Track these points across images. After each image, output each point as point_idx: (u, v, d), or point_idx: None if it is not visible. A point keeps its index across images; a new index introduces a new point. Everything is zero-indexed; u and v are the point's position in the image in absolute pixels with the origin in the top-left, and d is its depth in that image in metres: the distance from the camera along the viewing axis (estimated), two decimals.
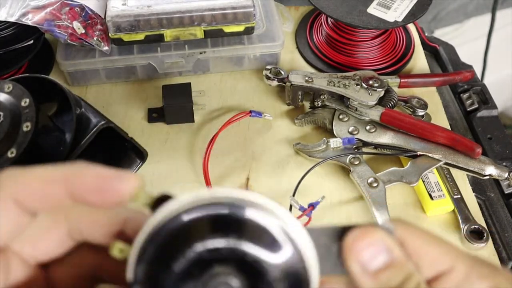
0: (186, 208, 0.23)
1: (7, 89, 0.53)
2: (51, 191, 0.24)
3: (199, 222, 0.23)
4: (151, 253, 0.23)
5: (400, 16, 0.66)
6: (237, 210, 0.23)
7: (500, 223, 0.58)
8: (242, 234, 0.23)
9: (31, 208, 0.25)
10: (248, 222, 0.23)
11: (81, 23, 0.64)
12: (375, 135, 0.60)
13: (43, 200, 0.25)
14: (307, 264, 0.23)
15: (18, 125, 0.51)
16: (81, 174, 0.24)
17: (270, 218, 0.23)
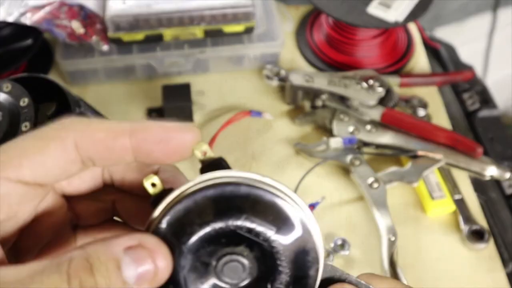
0: (225, 181, 0.24)
1: (6, 88, 0.53)
2: (115, 144, 0.25)
3: (226, 198, 0.24)
4: (179, 212, 0.23)
5: (401, 15, 0.66)
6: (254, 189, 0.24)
7: (501, 224, 0.57)
8: (257, 213, 0.23)
9: (89, 157, 0.25)
10: (263, 201, 0.24)
11: (80, 22, 0.64)
12: (375, 135, 0.60)
13: (105, 152, 0.25)
14: (316, 248, 0.24)
15: (17, 125, 0.51)
16: (146, 126, 0.25)
17: (285, 200, 0.24)
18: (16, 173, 0.24)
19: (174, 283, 0.24)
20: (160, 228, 0.24)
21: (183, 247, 0.23)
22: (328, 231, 0.56)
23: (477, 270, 0.54)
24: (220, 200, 0.23)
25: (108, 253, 0.22)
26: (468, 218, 0.56)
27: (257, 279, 0.24)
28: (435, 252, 0.55)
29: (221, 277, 0.24)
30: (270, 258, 0.24)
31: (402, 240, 0.54)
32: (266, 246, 0.24)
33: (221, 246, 0.24)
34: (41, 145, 0.24)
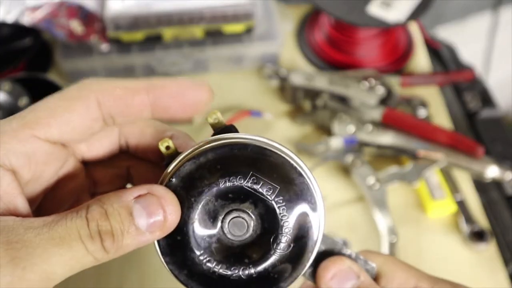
0: (234, 141, 0.25)
1: (5, 88, 0.53)
2: (134, 100, 0.26)
3: (234, 156, 0.25)
4: (190, 167, 0.25)
5: (402, 14, 0.65)
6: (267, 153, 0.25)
7: (502, 224, 0.57)
8: (263, 170, 0.25)
9: (110, 114, 0.27)
10: (269, 160, 0.25)
11: (80, 22, 0.64)
12: (376, 135, 0.60)
13: (125, 108, 0.27)
14: (318, 209, 0.26)
15: None
16: (163, 83, 0.27)
17: (290, 162, 0.25)
18: (45, 132, 0.25)
19: (182, 235, 0.25)
20: (171, 182, 0.25)
21: (192, 200, 0.25)
22: (328, 231, 0.55)
23: (478, 270, 0.53)
24: (229, 158, 0.25)
25: (120, 201, 0.24)
26: (469, 218, 0.56)
27: (260, 235, 0.26)
28: (436, 252, 0.55)
29: (226, 232, 0.25)
30: (273, 216, 0.25)
31: (402, 240, 0.54)
32: (270, 203, 0.25)
33: (228, 202, 0.25)
34: (66, 105, 0.26)
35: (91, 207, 0.23)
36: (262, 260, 0.25)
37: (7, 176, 0.24)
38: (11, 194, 0.24)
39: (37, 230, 0.22)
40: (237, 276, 0.25)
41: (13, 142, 0.25)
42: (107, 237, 0.23)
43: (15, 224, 0.22)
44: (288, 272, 0.26)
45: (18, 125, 0.25)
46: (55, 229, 0.22)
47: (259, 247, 0.26)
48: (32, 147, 0.25)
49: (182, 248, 0.25)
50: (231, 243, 0.26)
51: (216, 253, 0.26)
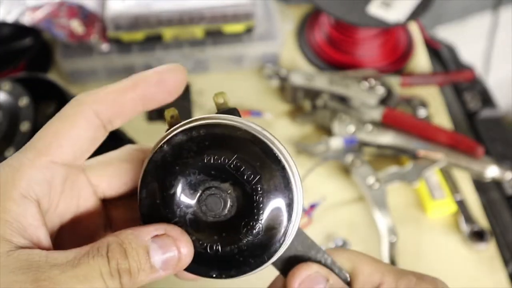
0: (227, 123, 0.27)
1: (5, 88, 0.52)
2: (125, 98, 0.28)
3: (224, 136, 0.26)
4: (181, 138, 0.26)
5: (402, 14, 0.65)
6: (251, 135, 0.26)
7: (502, 224, 0.57)
8: (248, 156, 0.26)
9: (108, 119, 0.28)
10: (256, 148, 0.26)
11: (80, 22, 0.64)
12: (376, 135, 0.60)
13: (119, 108, 0.28)
14: (293, 206, 0.26)
15: (16, 125, 0.51)
16: (144, 75, 0.29)
17: (276, 154, 0.26)
18: (59, 155, 0.26)
19: (161, 198, 0.27)
20: (163, 148, 0.26)
21: (176, 168, 0.26)
22: (328, 232, 0.56)
23: (478, 270, 0.53)
24: (219, 137, 0.26)
25: (138, 241, 0.25)
26: (469, 218, 0.56)
27: (233, 217, 0.27)
28: (435, 252, 0.55)
29: (202, 206, 0.27)
30: (249, 201, 0.26)
31: (402, 240, 0.54)
32: (248, 188, 0.26)
33: (209, 178, 0.26)
34: (68, 123, 0.27)
35: (111, 245, 0.24)
36: (230, 241, 0.26)
37: (32, 207, 0.25)
38: (35, 225, 0.25)
39: (62, 267, 0.23)
40: (203, 249, 0.27)
41: (33, 171, 0.25)
42: (125, 274, 0.24)
43: (41, 260, 0.23)
44: (253, 259, 0.27)
45: (33, 155, 0.26)
46: (78, 266, 0.23)
47: (230, 228, 0.27)
48: (51, 173, 0.26)
49: (158, 212, 0.27)
50: (205, 218, 0.27)
51: (189, 224, 0.27)
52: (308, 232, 0.29)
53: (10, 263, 0.23)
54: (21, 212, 0.25)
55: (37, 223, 0.25)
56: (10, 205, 0.24)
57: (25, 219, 0.25)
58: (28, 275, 0.23)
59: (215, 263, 0.27)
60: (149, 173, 0.27)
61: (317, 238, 0.55)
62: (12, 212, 0.24)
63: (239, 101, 0.67)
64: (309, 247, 0.29)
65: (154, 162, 0.27)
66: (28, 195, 0.25)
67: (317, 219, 0.55)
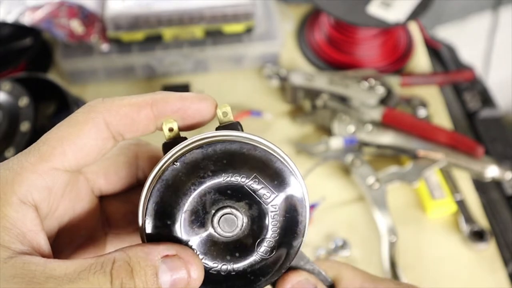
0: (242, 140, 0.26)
1: (5, 88, 0.53)
2: (139, 115, 0.27)
3: (242, 154, 0.26)
4: (197, 155, 0.25)
5: (402, 14, 0.65)
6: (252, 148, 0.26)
7: (502, 224, 0.57)
8: (266, 175, 0.26)
9: (118, 131, 0.27)
10: (273, 167, 0.26)
11: (80, 22, 0.64)
12: (376, 135, 0.60)
13: (132, 124, 0.27)
14: (305, 223, 0.26)
15: (16, 125, 0.51)
16: (165, 97, 0.27)
17: (291, 172, 0.26)
18: (62, 161, 0.26)
19: (172, 219, 0.25)
20: (175, 165, 0.25)
21: (191, 188, 0.25)
22: (328, 232, 0.56)
23: (478, 270, 0.53)
24: (237, 155, 0.25)
25: (148, 260, 0.23)
26: (469, 218, 0.56)
27: (246, 236, 0.26)
28: (436, 252, 0.55)
29: (215, 226, 0.26)
30: (264, 220, 0.26)
31: (402, 240, 0.54)
32: (264, 207, 0.26)
33: (224, 197, 0.25)
34: (76, 130, 0.26)
35: (117, 262, 0.23)
36: (243, 260, 0.26)
37: (31, 212, 0.25)
38: (34, 231, 0.24)
39: (58, 281, 0.22)
40: (216, 270, 0.26)
41: (33, 177, 0.25)
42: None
43: (37, 270, 0.22)
44: (264, 276, 0.26)
45: (36, 159, 0.25)
46: (76, 282, 0.22)
47: (243, 247, 0.26)
48: (52, 180, 0.25)
49: (169, 233, 0.25)
50: (217, 238, 0.26)
51: (201, 244, 0.26)
52: (308, 232, 0.30)
53: (6, 270, 0.22)
54: (19, 218, 0.24)
55: (36, 229, 0.25)
56: (9, 210, 0.24)
57: (24, 224, 0.24)
58: (21, 285, 0.22)
59: (225, 283, 0.26)
60: (158, 192, 0.25)
61: (317, 238, 0.55)
62: (11, 218, 0.24)
63: (239, 101, 0.67)
64: (299, 258, 0.29)
65: (164, 180, 0.25)
66: (26, 201, 0.25)
67: (317, 219, 0.55)
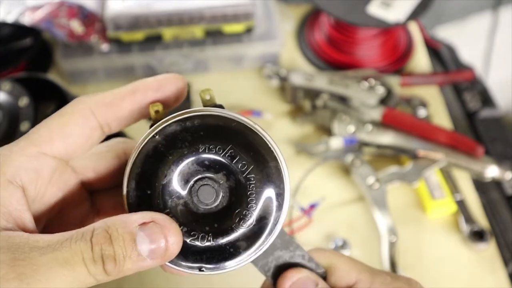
0: (220, 115, 0.27)
1: (5, 88, 0.53)
2: (123, 103, 0.28)
3: (218, 127, 0.26)
4: (175, 128, 0.26)
5: (402, 14, 0.65)
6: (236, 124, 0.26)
7: (502, 224, 0.57)
8: (242, 147, 0.26)
9: (106, 121, 0.28)
10: (250, 139, 0.26)
11: (80, 22, 0.64)
12: (376, 135, 0.60)
13: (117, 112, 0.28)
14: (283, 196, 0.27)
15: (16, 125, 0.51)
16: (144, 83, 0.29)
17: (268, 145, 0.26)
18: (50, 147, 0.27)
19: (152, 189, 0.26)
20: (155, 138, 0.26)
21: (169, 158, 0.26)
22: (328, 232, 0.56)
23: (478, 270, 0.53)
24: (213, 128, 0.26)
25: (125, 227, 0.24)
26: (469, 218, 0.56)
27: (225, 207, 0.27)
28: (436, 252, 0.55)
29: (194, 197, 0.26)
30: (242, 191, 0.26)
31: (402, 240, 0.54)
32: (242, 178, 0.26)
33: (202, 168, 0.26)
34: (64, 120, 0.28)
35: (96, 230, 0.24)
36: (222, 232, 0.26)
37: (18, 192, 0.26)
38: (20, 210, 0.26)
39: (42, 250, 0.23)
40: (195, 241, 0.26)
41: (22, 159, 0.26)
42: (109, 261, 0.24)
43: (21, 242, 0.24)
44: (244, 249, 0.27)
45: (25, 144, 0.27)
46: (59, 250, 0.23)
47: (222, 219, 0.27)
48: (40, 163, 0.27)
49: (149, 202, 0.26)
50: (196, 209, 0.27)
51: (180, 215, 0.26)
52: (308, 232, 0.30)
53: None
54: (6, 196, 0.25)
55: (21, 208, 0.26)
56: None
57: (10, 203, 0.25)
58: (6, 255, 0.23)
59: (204, 255, 0.26)
60: (139, 164, 0.26)
61: (317, 238, 0.55)
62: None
63: (239, 101, 0.67)
64: (288, 243, 0.29)
65: (144, 152, 0.26)
66: (14, 181, 0.26)
67: (317, 219, 0.55)
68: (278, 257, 0.29)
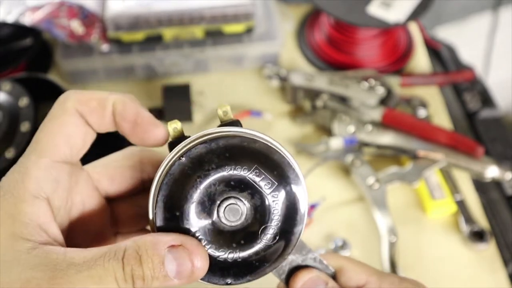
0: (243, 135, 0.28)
1: (5, 88, 0.53)
2: (105, 112, 0.29)
3: (243, 148, 0.27)
4: (201, 150, 0.27)
5: (402, 15, 0.65)
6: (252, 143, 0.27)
7: (502, 224, 0.57)
8: (266, 166, 0.27)
9: (93, 122, 0.29)
10: (272, 158, 0.27)
11: (80, 22, 0.64)
12: (376, 135, 0.60)
13: (100, 118, 0.29)
14: (305, 210, 0.28)
15: (16, 125, 0.51)
16: (126, 106, 0.29)
17: (289, 163, 0.28)
18: (59, 153, 0.28)
19: (181, 211, 0.27)
20: (181, 160, 0.27)
21: (197, 180, 0.27)
22: (328, 232, 0.56)
23: (478, 270, 0.53)
24: (238, 148, 0.27)
25: (155, 249, 0.26)
26: (469, 218, 0.56)
27: (250, 224, 0.28)
28: (435, 252, 0.55)
29: (221, 216, 0.27)
30: (266, 208, 0.27)
31: (402, 240, 0.54)
32: (265, 196, 0.27)
33: (228, 189, 0.27)
34: (59, 123, 0.28)
35: (127, 250, 0.25)
36: (248, 247, 0.28)
37: (44, 206, 0.27)
38: (47, 222, 0.27)
39: (78, 267, 0.24)
40: (223, 258, 0.28)
41: (39, 173, 0.27)
42: (139, 281, 0.25)
43: (58, 258, 0.25)
44: (268, 262, 0.28)
45: (36, 157, 0.27)
46: (94, 268, 0.24)
47: (247, 235, 0.28)
48: (56, 172, 0.28)
49: (178, 224, 0.27)
50: (223, 227, 0.28)
51: (208, 234, 0.27)
52: (308, 232, 0.30)
53: (30, 260, 0.24)
54: (35, 212, 0.26)
55: (49, 220, 0.27)
56: (24, 206, 0.26)
57: (38, 217, 0.26)
58: (45, 273, 0.24)
59: (232, 270, 0.28)
60: (167, 186, 0.27)
61: (317, 238, 0.55)
62: (27, 213, 0.26)
63: (239, 101, 0.67)
64: (300, 247, 0.31)
65: (172, 175, 0.27)
66: (38, 195, 0.27)
67: (317, 219, 0.55)
68: (291, 261, 0.31)
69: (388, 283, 0.31)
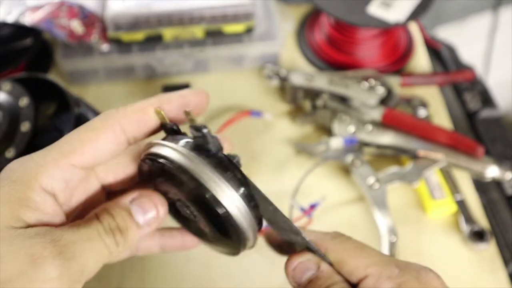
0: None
1: (5, 88, 0.53)
2: (149, 117, 0.32)
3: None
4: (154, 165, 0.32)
5: (402, 14, 0.65)
6: None
7: (502, 224, 0.57)
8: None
9: (133, 136, 0.32)
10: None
11: (80, 22, 0.64)
12: (376, 135, 0.60)
13: (144, 127, 0.32)
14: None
15: (16, 125, 0.51)
16: (168, 98, 0.32)
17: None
18: (80, 160, 0.30)
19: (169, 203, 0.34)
20: (145, 161, 0.32)
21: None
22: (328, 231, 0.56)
23: (478, 270, 0.53)
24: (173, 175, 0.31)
25: (120, 205, 0.31)
26: (469, 218, 0.56)
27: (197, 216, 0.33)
28: (436, 252, 0.55)
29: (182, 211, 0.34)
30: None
31: (402, 240, 0.54)
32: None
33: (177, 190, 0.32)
34: (95, 134, 0.31)
35: (100, 212, 0.30)
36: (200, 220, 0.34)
37: (50, 199, 0.30)
38: (51, 215, 0.30)
39: (71, 231, 0.28)
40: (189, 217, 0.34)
41: (54, 171, 0.30)
42: (117, 232, 0.30)
43: (53, 229, 0.28)
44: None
45: (58, 155, 0.30)
46: (82, 230, 0.29)
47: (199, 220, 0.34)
48: (70, 174, 0.30)
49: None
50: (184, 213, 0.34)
51: (175, 214, 0.36)
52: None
53: (30, 232, 0.27)
54: (41, 201, 0.29)
55: (53, 213, 0.30)
56: (33, 195, 0.29)
57: (44, 207, 0.29)
58: (45, 238, 0.27)
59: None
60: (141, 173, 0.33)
61: None
62: (34, 201, 0.29)
63: (239, 101, 0.67)
64: (290, 230, 0.33)
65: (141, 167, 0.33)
66: (47, 189, 0.29)
67: (317, 219, 0.55)
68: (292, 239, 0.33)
69: (386, 276, 0.29)
